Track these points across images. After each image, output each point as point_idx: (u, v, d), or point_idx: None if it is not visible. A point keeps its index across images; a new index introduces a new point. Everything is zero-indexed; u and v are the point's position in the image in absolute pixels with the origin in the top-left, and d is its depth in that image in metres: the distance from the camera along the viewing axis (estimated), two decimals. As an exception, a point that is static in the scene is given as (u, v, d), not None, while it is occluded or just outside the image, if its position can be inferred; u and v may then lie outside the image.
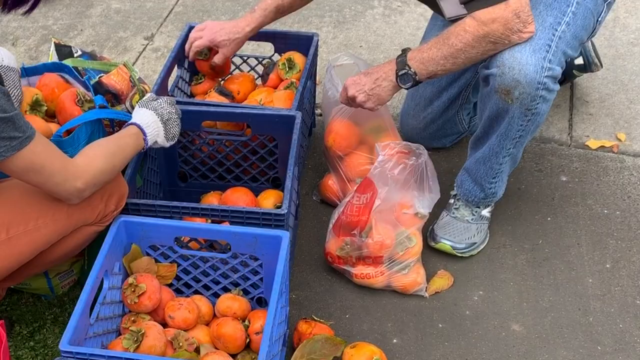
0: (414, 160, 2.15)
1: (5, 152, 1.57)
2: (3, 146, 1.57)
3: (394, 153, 2.14)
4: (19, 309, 2.17)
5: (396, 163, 2.14)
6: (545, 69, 1.94)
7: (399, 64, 2.07)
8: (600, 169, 2.65)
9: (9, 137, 1.57)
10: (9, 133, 1.56)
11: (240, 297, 2.00)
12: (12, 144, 1.58)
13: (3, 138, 1.56)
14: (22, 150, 1.59)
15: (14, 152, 1.58)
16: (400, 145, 2.16)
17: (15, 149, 1.58)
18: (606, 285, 2.27)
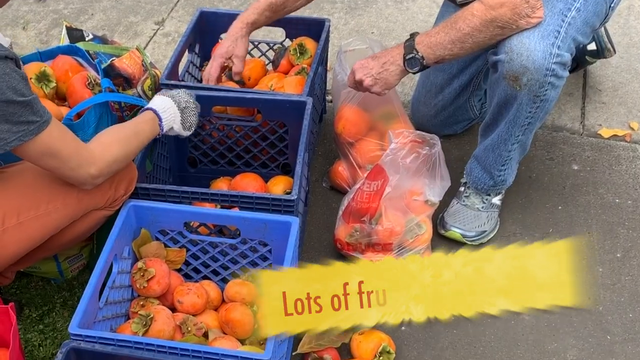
0: (427, 150, 2.14)
1: (23, 136, 1.58)
2: (21, 130, 1.57)
3: (407, 142, 2.13)
4: (29, 292, 2.18)
5: (409, 152, 2.13)
6: (554, 55, 1.93)
7: (406, 48, 2.06)
8: (613, 158, 2.64)
9: (27, 121, 1.58)
10: (27, 117, 1.57)
11: (249, 283, 2.00)
12: (30, 128, 1.59)
13: (21, 122, 1.57)
14: (39, 134, 1.60)
15: (32, 137, 1.59)
16: (414, 134, 2.15)
17: (33, 133, 1.59)
18: (616, 275, 2.26)
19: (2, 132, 1.56)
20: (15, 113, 1.55)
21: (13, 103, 1.54)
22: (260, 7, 2.34)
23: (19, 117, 1.56)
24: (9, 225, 1.73)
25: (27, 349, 2.03)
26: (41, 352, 2.03)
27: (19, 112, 1.56)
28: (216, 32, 2.62)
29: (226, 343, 1.83)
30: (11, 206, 1.74)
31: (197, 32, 2.56)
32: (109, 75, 2.26)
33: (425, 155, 2.13)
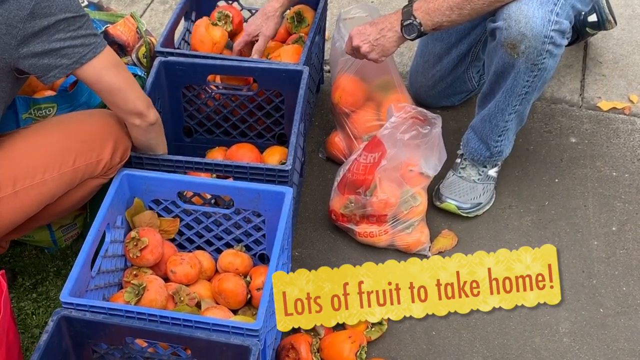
0: (427, 129, 2.12)
1: (95, 47, 1.67)
2: (92, 43, 1.66)
3: (408, 117, 2.11)
4: (22, 261, 2.18)
5: (409, 128, 2.11)
6: (552, 22, 1.90)
7: (404, 14, 2.04)
8: (611, 131, 2.62)
9: (93, 33, 1.67)
10: (92, 30, 1.67)
11: (242, 253, 2.00)
12: (98, 40, 1.68)
13: (89, 35, 1.66)
14: (105, 48, 1.69)
15: (102, 48, 1.67)
16: (416, 110, 2.12)
17: (102, 45, 1.68)
18: (611, 248, 2.25)
19: (77, 47, 1.63)
20: (82, 26, 1.64)
21: (78, 16, 1.63)
22: None
23: (85, 29, 1.64)
24: (4, 194, 1.72)
25: (20, 317, 2.04)
26: (34, 320, 2.03)
27: (85, 25, 1.65)
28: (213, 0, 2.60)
29: (218, 313, 1.84)
30: (7, 175, 1.73)
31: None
32: (104, 42, 2.23)
33: (425, 135, 2.10)
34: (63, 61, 1.63)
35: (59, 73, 1.65)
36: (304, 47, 2.30)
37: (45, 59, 1.62)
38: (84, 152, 1.81)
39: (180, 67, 2.23)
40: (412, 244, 2.20)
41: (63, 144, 1.81)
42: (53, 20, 1.59)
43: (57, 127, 1.85)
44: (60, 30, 1.61)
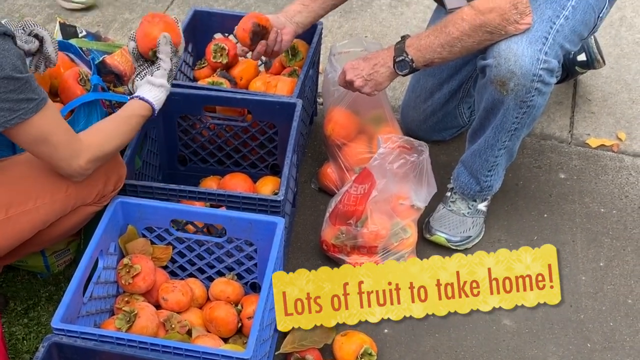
0: (415, 157, 2.16)
1: (24, 114, 1.57)
2: (22, 108, 1.57)
3: (396, 147, 2.15)
4: (15, 285, 2.19)
5: (397, 157, 2.14)
6: (541, 61, 1.95)
7: (397, 50, 2.08)
8: (599, 168, 2.66)
9: (27, 98, 1.57)
10: (27, 94, 1.57)
11: (234, 282, 2.02)
12: (30, 106, 1.58)
13: (21, 100, 1.56)
14: (37, 113, 1.59)
15: (31, 115, 1.58)
16: (403, 139, 2.16)
17: (32, 111, 1.58)
18: (599, 284, 2.28)
19: (3, 111, 1.55)
20: (15, 90, 1.55)
21: (13, 79, 1.54)
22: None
23: (18, 94, 1.55)
24: None
25: (11, 342, 2.04)
26: (25, 345, 2.04)
27: (19, 88, 1.55)
28: (209, 32, 2.64)
29: (209, 341, 1.85)
30: (0, 201, 1.75)
31: (190, 31, 2.57)
32: (100, 71, 2.27)
33: (413, 162, 2.14)
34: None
35: None
36: (298, 80, 2.34)
37: None
38: None
39: (175, 98, 2.25)
40: (402, 276, 2.21)
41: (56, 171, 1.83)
42: None
43: None
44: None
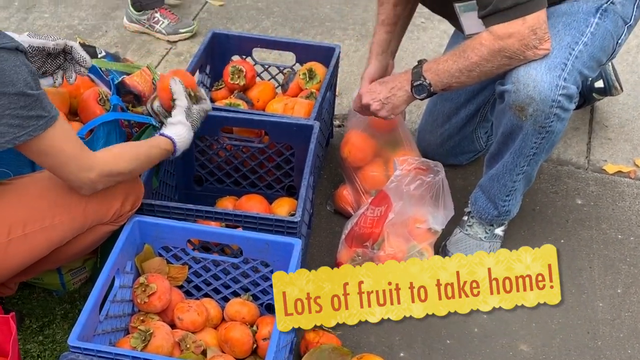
0: (431, 177, 2.15)
1: (32, 131, 1.57)
2: (31, 125, 1.57)
3: (412, 168, 2.14)
4: (30, 303, 2.19)
5: (413, 179, 2.14)
6: (560, 87, 1.95)
7: (414, 74, 2.08)
8: (616, 194, 2.64)
9: (36, 115, 1.57)
10: (37, 111, 1.57)
11: (249, 303, 2.01)
12: (39, 123, 1.58)
13: (31, 117, 1.56)
14: (47, 130, 1.59)
15: (41, 132, 1.58)
16: (419, 161, 2.16)
17: (42, 128, 1.58)
18: (616, 310, 2.26)
19: (12, 127, 1.55)
20: (26, 106, 1.55)
21: (24, 96, 1.54)
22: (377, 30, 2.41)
23: (29, 110, 1.55)
24: (14, 236, 1.74)
25: (26, 359, 2.03)
26: (40, 363, 2.04)
27: (30, 105, 1.55)
28: (227, 54, 2.66)
29: (224, 362, 1.84)
30: (17, 217, 1.75)
31: (208, 52, 2.59)
32: (120, 92, 2.28)
33: (429, 183, 2.14)
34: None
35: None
36: (316, 102, 2.35)
37: None
38: (95, 198, 1.83)
39: (193, 118, 2.27)
40: (418, 300, 2.20)
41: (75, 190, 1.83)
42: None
43: None
44: (0, 105, 1.52)
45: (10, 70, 1.52)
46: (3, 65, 1.51)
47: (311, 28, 3.49)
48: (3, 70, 1.51)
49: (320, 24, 3.50)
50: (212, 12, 3.63)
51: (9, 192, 1.80)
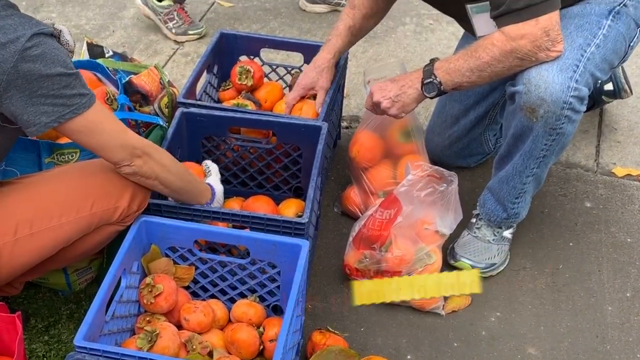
0: (444, 187, 2.13)
1: (77, 109, 1.62)
2: (75, 103, 1.61)
3: (425, 175, 2.12)
4: (36, 302, 2.18)
5: (425, 185, 2.12)
6: (572, 88, 1.93)
7: (425, 72, 2.07)
8: (626, 197, 2.63)
9: (79, 94, 1.62)
10: (79, 90, 1.62)
11: (256, 304, 2.00)
12: (82, 100, 1.63)
13: (74, 95, 1.61)
14: (90, 107, 1.64)
15: (85, 110, 1.63)
16: (433, 169, 2.14)
17: (85, 106, 1.63)
18: (625, 314, 2.24)
19: (57, 106, 1.59)
20: (67, 86, 1.59)
21: (66, 75, 1.59)
22: (340, 32, 2.37)
23: (71, 89, 1.60)
24: (21, 235, 1.73)
25: (31, 359, 2.02)
26: (45, 363, 2.03)
27: (71, 84, 1.60)
28: (235, 54, 2.65)
29: (230, 363, 1.83)
30: (25, 217, 1.75)
31: (216, 53, 2.58)
32: (127, 91, 2.28)
33: (441, 192, 2.12)
34: (42, 119, 1.60)
35: (37, 130, 1.62)
36: (324, 103, 2.34)
37: (24, 115, 1.59)
38: (102, 198, 1.83)
39: (201, 118, 2.26)
40: (426, 302, 2.19)
41: (82, 189, 1.83)
42: (36, 76, 1.55)
43: (78, 173, 1.88)
44: (44, 87, 1.57)
45: (50, 52, 1.57)
46: (44, 48, 1.56)
47: (318, 29, 3.48)
48: (44, 53, 1.56)
49: (328, 25, 3.48)
50: (220, 12, 3.62)
51: (16, 191, 1.79)
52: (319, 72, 2.36)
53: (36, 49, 1.55)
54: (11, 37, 1.53)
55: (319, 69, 2.36)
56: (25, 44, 1.53)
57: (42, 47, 1.56)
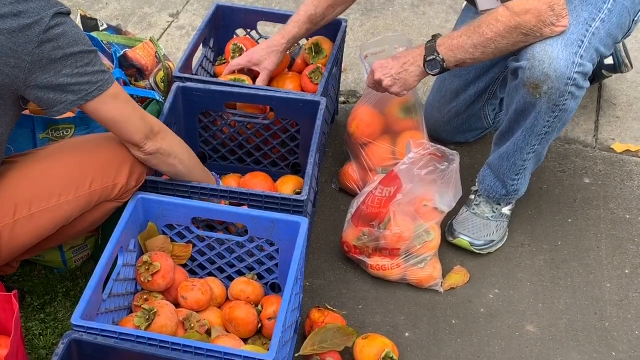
0: (445, 165, 2.10)
1: (102, 85, 1.65)
2: (100, 80, 1.64)
3: (426, 154, 2.10)
4: (31, 280, 2.16)
5: (426, 164, 2.09)
6: (577, 64, 1.91)
7: (427, 49, 2.04)
8: (625, 173, 2.61)
9: (101, 70, 1.64)
10: (100, 67, 1.64)
11: (254, 282, 1.99)
12: (106, 77, 1.66)
13: (97, 72, 1.64)
14: (113, 84, 1.67)
15: (110, 86, 1.66)
16: (435, 147, 2.11)
17: (109, 82, 1.66)
18: (624, 291, 2.23)
19: (83, 84, 1.61)
20: (90, 63, 1.62)
21: (87, 53, 1.62)
22: (300, 20, 2.34)
23: (93, 66, 1.62)
24: (20, 216, 1.71)
25: (28, 337, 2.01)
26: (41, 341, 2.01)
27: (93, 61, 1.63)
28: (232, 27, 2.61)
29: (229, 342, 1.82)
30: (23, 197, 1.72)
31: (212, 26, 2.54)
32: (122, 65, 2.24)
33: (442, 171, 2.10)
34: (69, 97, 1.62)
35: (64, 109, 1.64)
36: (322, 78, 2.31)
37: (51, 94, 1.61)
38: (101, 175, 1.81)
39: (197, 94, 2.23)
40: (424, 279, 2.18)
41: (80, 167, 1.80)
42: (60, 55, 1.57)
43: (75, 150, 1.85)
44: (68, 65, 1.59)
45: (71, 31, 1.59)
46: (65, 28, 1.58)
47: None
48: (65, 32, 1.58)
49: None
50: (215, -16, 3.56)
51: (13, 171, 1.77)
52: (269, 52, 2.34)
53: (58, 28, 1.56)
54: (36, 18, 1.54)
55: (269, 49, 2.34)
56: (50, 23, 1.55)
57: (63, 26, 1.58)
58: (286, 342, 1.79)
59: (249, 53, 2.38)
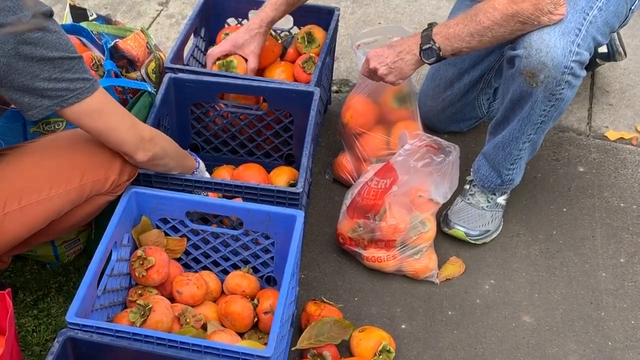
0: (441, 157, 2.09)
1: (80, 93, 1.59)
2: (79, 88, 1.59)
3: (423, 145, 2.08)
4: (24, 276, 2.14)
5: (422, 156, 2.08)
6: (574, 53, 1.89)
7: (423, 38, 2.02)
8: (619, 161, 2.61)
9: (82, 78, 1.59)
10: (82, 74, 1.59)
11: (249, 275, 1.97)
12: (86, 85, 1.60)
13: (77, 79, 1.58)
14: (95, 92, 1.62)
15: (89, 94, 1.60)
16: (431, 139, 2.09)
17: (89, 91, 1.60)
18: (619, 280, 2.23)
19: (60, 90, 1.56)
20: (71, 69, 1.56)
21: (68, 59, 1.56)
22: (277, 2, 2.30)
23: (73, 73, 1.57)
24: (9, 209, 1.68)
25: (21, 334, 1.99)
26: (35, 338, 1.98)
27: (75, 68, 1.57)
28: (222, 16, 2.58)
29: (226, 337, 1.80)
30: (13, 190, 1.69)
31: (203, 15, 2.51)
32: (113, 56, 2.21)
33: (438, 163, 2.08)
34: (44, 102, 1.57)
35: (38, 113, 1.58)
36: (315, 68, 2.29)
37: (26, 97, 1.56)
38: (92, 168, 1.78)
39: (189, 85, 2.20)
40: (420, 270, 2.17)
41: (71, 160, 1.78)
42: (38, 58, 1.51)
43: (66, 143, 1.82)
44: (45, 70, 1.53)
45: (52, 35, 1.53)
46: (44, 32, 1.52)
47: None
48: (45, 36, 1.52)
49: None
50: (204, -28, 3.52)
51: (3, 164, 1.73)
52: (252, 35, 2.30)
53: (37, 32, 1.50)
54: (12, 18, 1.48)
55: (252, 32, 2.30)
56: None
57: (42, 30, 1.51)
58: (283, 336, 1.78)
59: (232, 37, 2.33)
